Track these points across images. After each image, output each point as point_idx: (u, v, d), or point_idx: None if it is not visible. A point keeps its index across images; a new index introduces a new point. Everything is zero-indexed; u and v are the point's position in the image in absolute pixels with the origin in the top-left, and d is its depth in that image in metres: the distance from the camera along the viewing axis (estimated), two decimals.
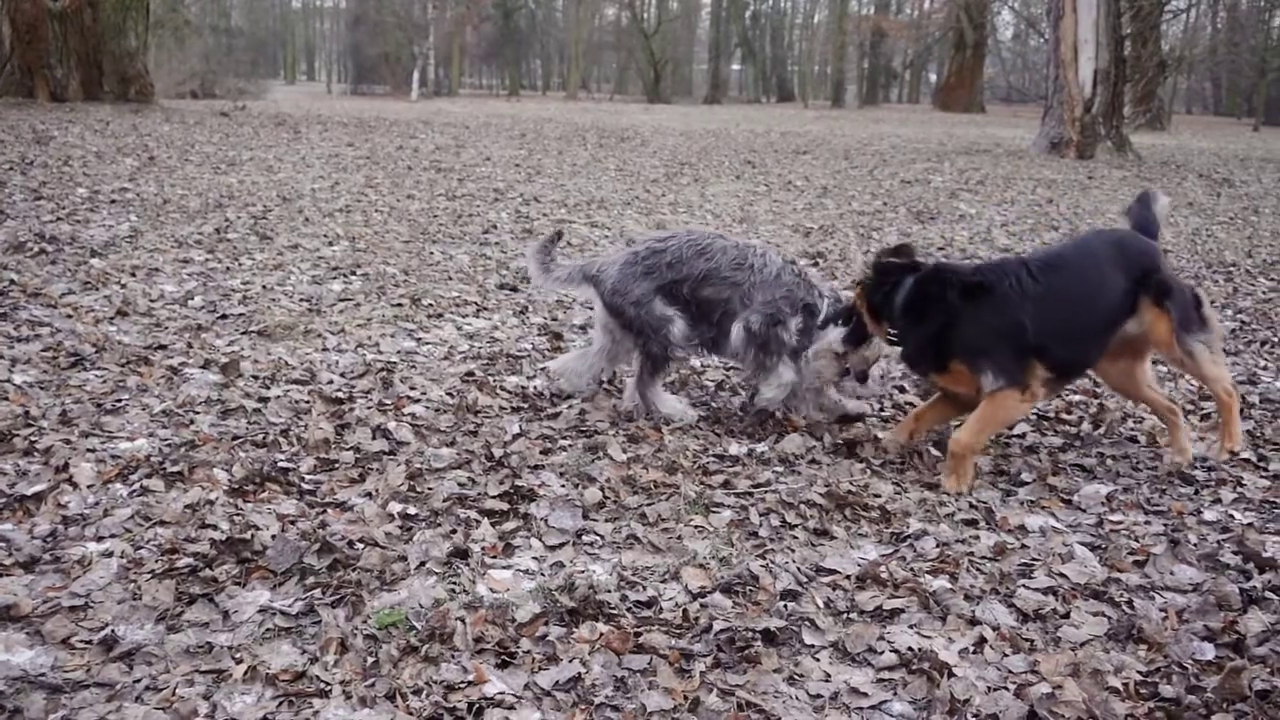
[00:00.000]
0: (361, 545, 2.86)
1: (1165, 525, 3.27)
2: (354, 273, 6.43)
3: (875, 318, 3.80)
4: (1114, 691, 2.30)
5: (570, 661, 2.37)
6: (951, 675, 2.35)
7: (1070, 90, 17.60)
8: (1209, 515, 3.35)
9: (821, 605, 2.68)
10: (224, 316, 5.26)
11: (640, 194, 11.08)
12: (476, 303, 5.87)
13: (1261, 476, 3.74)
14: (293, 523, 2.99)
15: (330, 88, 63.25)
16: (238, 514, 3.01)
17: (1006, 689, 2.31)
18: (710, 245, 4.11)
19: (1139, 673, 2.40)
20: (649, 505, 3.24)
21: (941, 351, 3.63)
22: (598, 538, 3.03)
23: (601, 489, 3.34)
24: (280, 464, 3.41)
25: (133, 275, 5.97)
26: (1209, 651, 2.50)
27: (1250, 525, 3.25)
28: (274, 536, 2.86)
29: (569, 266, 4.25)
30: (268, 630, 2.47)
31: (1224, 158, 20.37)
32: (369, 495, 3.22)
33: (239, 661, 2.33)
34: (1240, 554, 3.03)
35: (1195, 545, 3.10)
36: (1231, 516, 3.35)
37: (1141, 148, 19.79)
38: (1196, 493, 3.57)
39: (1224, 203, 12.36)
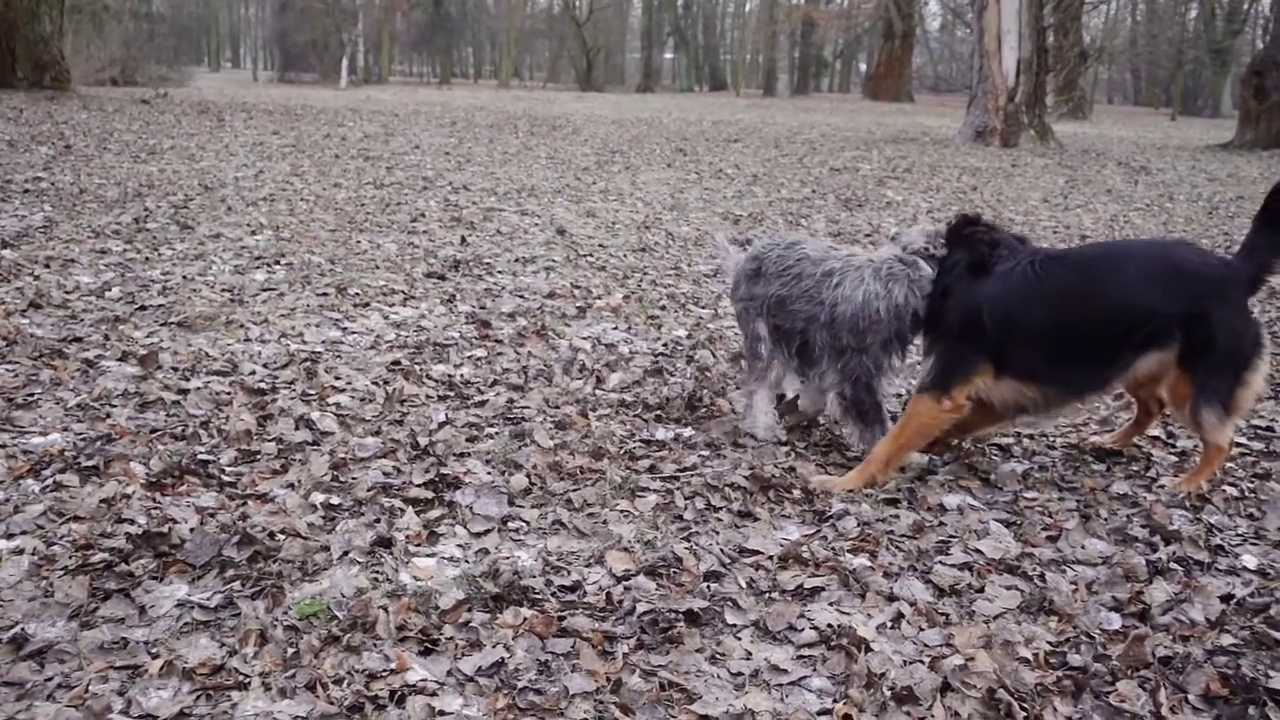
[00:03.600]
0: (283, 536, 2.83)
1: (1078, 501, 3.36)
2: (278, 262, 6.33)
3: None
4: (1024, 661, 2.37)
5: (493, 647, 2.37)
6: (869, 650, 2.40)
7: (994, 80, 17.95)
8: (1119, 490, 3.45)
9: (744, 585, 2.72)
10: (143, 308, 5.14)
11: (571, 182, 11.06)
12: (404, 291, 5.81)
13: (1170, 453, 3.87)
14: (212, 515, 2.94)
15: (256, 75, 61.86)
16: (155, 508, 2.96)
17: (921, 662, 2.37)
18: (792, 262, 3.71)
19: (1049, 643, 2.47)
20: (575, 491, 3.26)
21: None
22: (523, 524, 3.03)
23: (528, 475, 3.34)
24: (200, 456, 3.35)
25: (46, 266, 5.80)
26: (1116, 621, 2.59)
27: (1158, 500, 3.36)
28: (192, 530, 2.81)
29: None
30: (185, 624, 2.44)
31: (1142, 146, 20.94)
32: (291, 486, 3.18)
33: (155, 656, 2.29)
34: (1148, 527, 3.14)
35: (1105, 520, 3.20)
36: (1140, 492, 3.46)
37: (1064, 136, 20.25)
38: (1108, 470, 3.68)
39: (1141, 189, 12.71)
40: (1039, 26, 18.53)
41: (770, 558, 2.87)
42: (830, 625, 2.51)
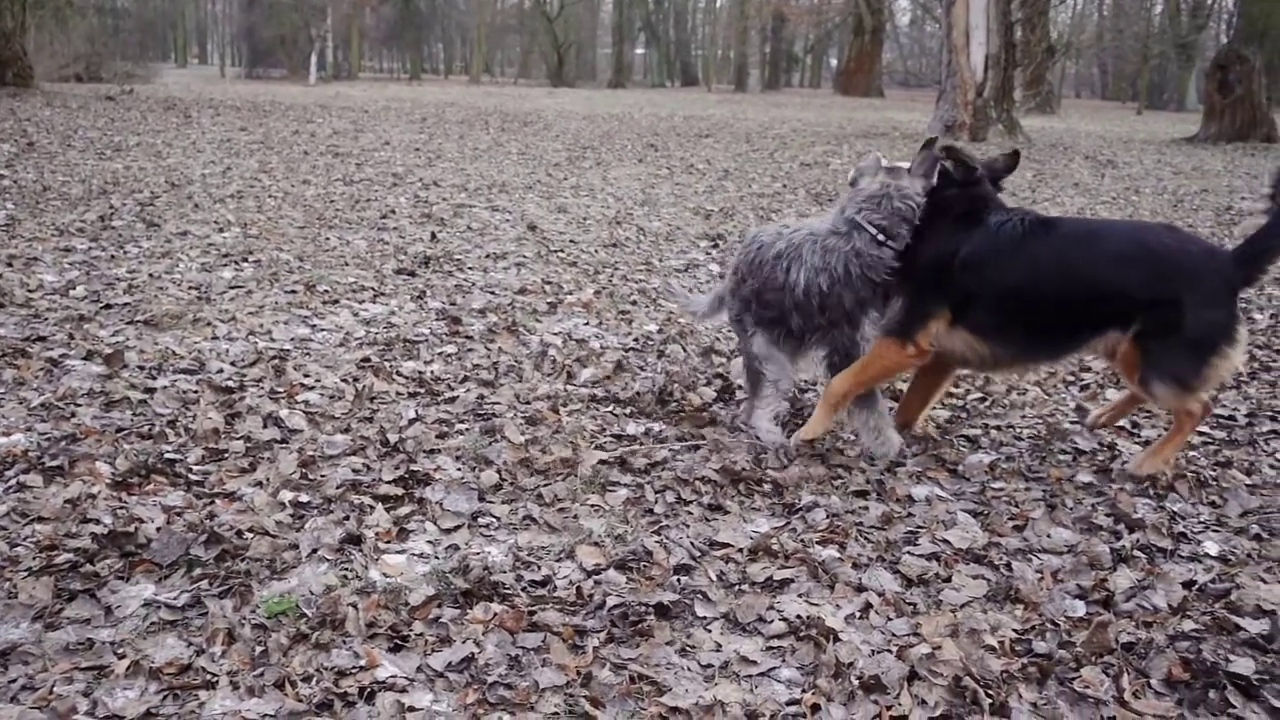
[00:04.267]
0: (251, 535, 2.81)
1: (1044, 491, 3.40)
2: (246, 259, 6.28)
3: None
4: (990, 649, 2.40)
5: (463, 642, 2.37)
6: (837, 640, 2.42)
7: (963, 75, 18.08)
8: (1084, 479, 3.50)
9: (714, 578, 2.73)
10: (108, 306, 5.08)
11: (542, 178, 11.04)
12: (373, 288, 5.79)
13: (1135, 442, 3.91)
14: (179, 514, 2.92)
15: (224, 71, 61.23)
16: (121, 507, 2.93)
17: (889, 651, 2.39)
18: (754, 253, 3.73)
19: (1014, 631, 2.50)
20: (546, 486, 3.26)
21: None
22: (494, 519, 3.03)
23: (498, 471, 3.34)
24: (167, 455, 3.32)
25: (9, 265, 5.73)
26: (1080, 608, 2.62)
27: (1122, 489, 3.40)
28: (159, 529, 2.79)
29: (706, 300, 4.12)
30: (152, 624, 2.42)
31: (1109, 140, 21.14)
32: (259, 484, 3.17)
33: (121, 657, 2.28)
34: (1112, 516, 3.18)
35: (1071, 509, 3.24)
36: (1105, 481, 3.50)
37: (1031, 130, 20.42)
38: (1074, 459, 3.72)
39: (1108, 183, 12.83)
40: (1007, 22, 18.67)
41: (740, 550, 2.89)
42: (799, 616, 2.53)
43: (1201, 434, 3.91)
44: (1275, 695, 2.23)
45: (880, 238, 3.48)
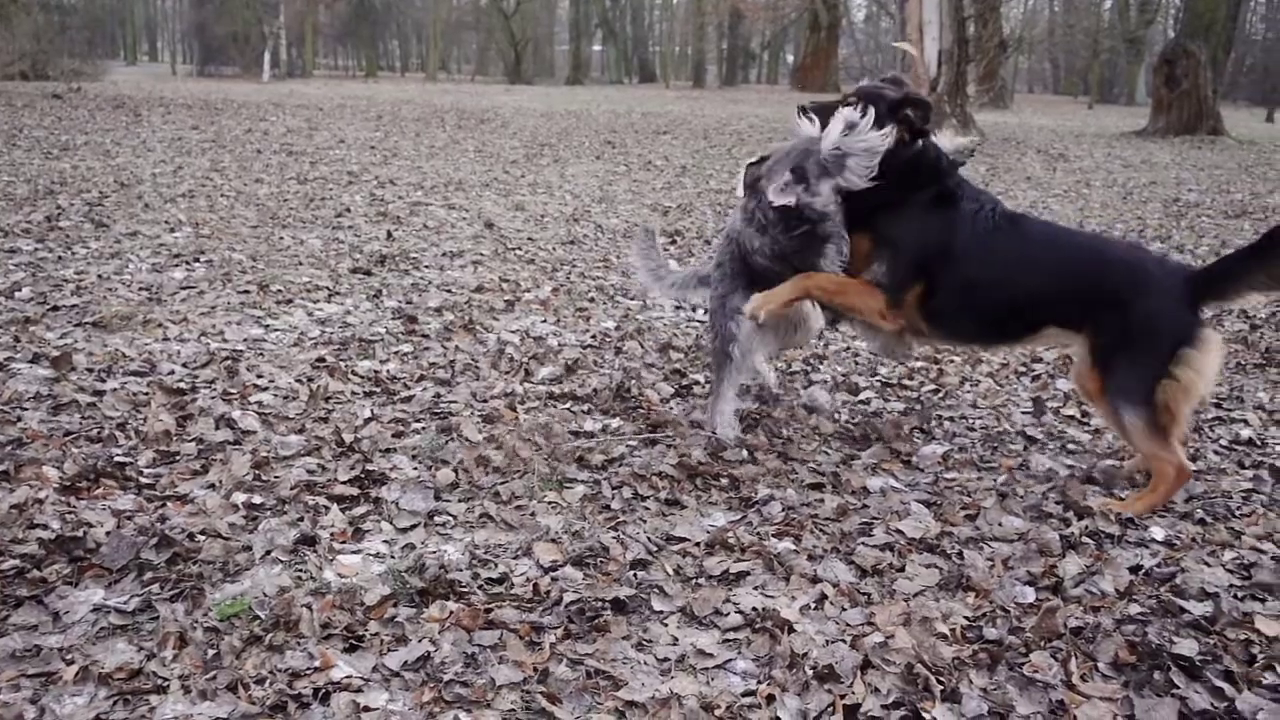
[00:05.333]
0: (203, 537, 2.78)
1: (995, 480, 3.45)
2: (198, 259, 6.20)
3: None
4: (942, 637, 2.43)
5: (419, 641, 2.36)
6: (792, 631, 2.44)
7: (917, 70, 18.23)
8: (1035, 468, 3.55)
9: (671, 572, 2.74)
10: (55, 308, 5.00)
11: (499, 175, 11.00)
12: (328, 287, 5.74)
13: (1084, 431, 3.98)
14: (129, 518, 2.88)
15: (175, 69, 60.31)
16: (70, 512, 2.89)
17: (843, 641, 2.42)
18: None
19: (965, 618, 2.54)
20: (503, 484, 3.25)
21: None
22: (450, 518, 3.02)
23: (455, 470, 3.33)
24: (117, 459, 3.27)
25: None
26: (1030, 595, 2.66)
27: (1072, 476, 3.46)
28: (109, 533, 2.75)
29: (684, 272, 4.08)
30: (101, 629, 2.38)
31: (1061, 134, 21.46)
32: (212, 486, 3.13)
33: (70, 663, 2.24)
34: (1061, 503, 3.24)
35: (1022, 497, 3.29)
36: (1056, 469, 3.56)
37: (985, 125, 20.66)
38: (1025, 449, 3.78)
39: (1059, 176, 13.03)
40: (959, 17, 18.86)
41: (697, 544, 2.90)
42: (755, 609, 2.55)
43: None
44: (1217, 675, 2.28)
45: (772, 195, 3.44)
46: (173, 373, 4.16)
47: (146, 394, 3.88)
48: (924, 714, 2.15)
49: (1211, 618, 2.52)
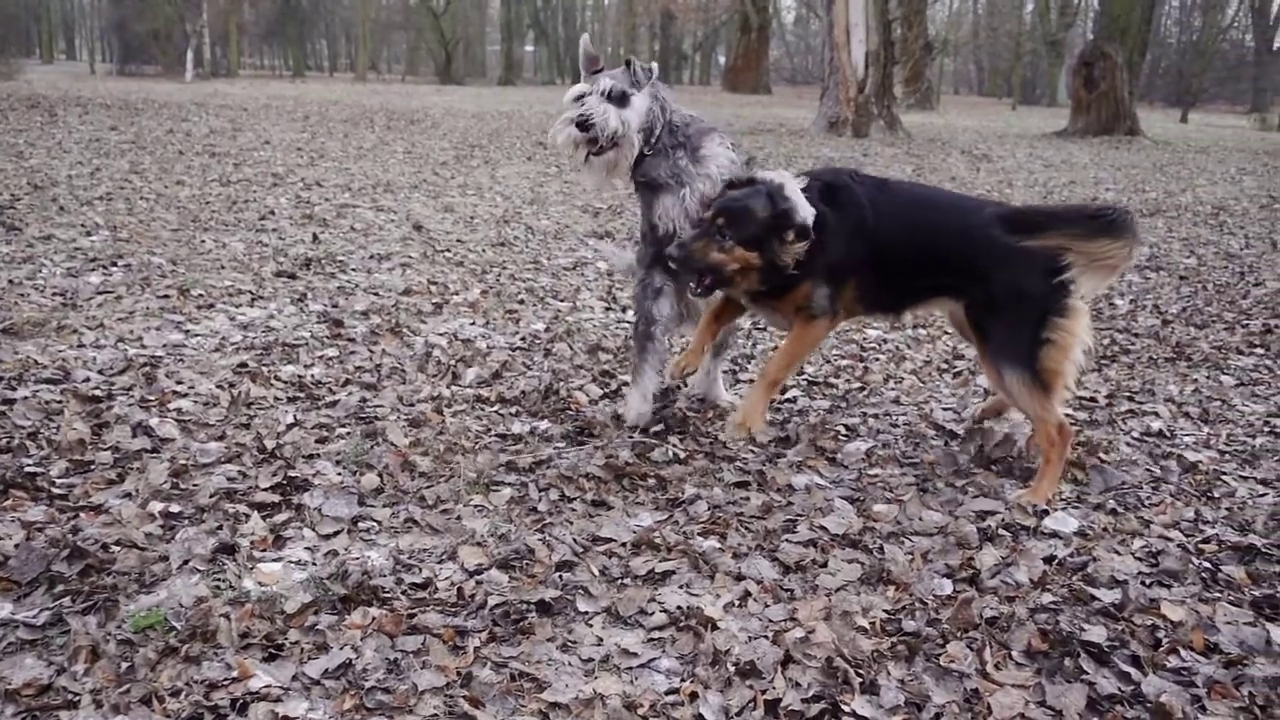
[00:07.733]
0: (118, 548, 2.72)
1: (917, 476, 3.52)
2: (115, 264, 6.05)
3: None
4: (861, 630, 2.47)
5: (341, 648, 2.34)
6: (716, 629, 2.47)
7: (844, 72, 18.50)
8: (955, 463, 3.62)
9: (596, 573, 2.75)
10: None
11: (429, 177, 10.91)
12: (251, 291, 5.64)
13: (1005, 423, 4.07)
14: (40, 530, 2.80)
15: (94, 67, 58.51)
16: None
17: (765, 637, 2.44)
18: None
19: (885, 611, 2.58)
20: (429, 488, 3.23)
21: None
22: (374, 524, 2.99)
23: (380, 475, 3.29)
24: (27, 469, 3.18)
25: None
26: (948, 587, 2.72)
27: (991, 471, 3.54)
28: (18, 545, 2.67)
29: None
30: (9, 645, 2.32)
31: (984, 135, 21.91)
32: (128, 496, 3.06)
33: None
34: (980, 497, 3.31)
35: (941, 491, 3.36)
36: (975, 464, 3.64)
37: (912, 126, 21.02)
38: (947, 444, 3.86)
39: (983, 176, 13.30)
40: (885, 20, 19.18)
41: (623, 545, 2.91)
42: (680, 607, 2.57)
43: (1068, 415, 4.08)
44: (1124, 660, 2.36)
45: None
46: (88, 380, 4.05)
47: (60, 402, 3.78)
48: (843, 706, 2.19)
49: (1120, 604, 2.60)
